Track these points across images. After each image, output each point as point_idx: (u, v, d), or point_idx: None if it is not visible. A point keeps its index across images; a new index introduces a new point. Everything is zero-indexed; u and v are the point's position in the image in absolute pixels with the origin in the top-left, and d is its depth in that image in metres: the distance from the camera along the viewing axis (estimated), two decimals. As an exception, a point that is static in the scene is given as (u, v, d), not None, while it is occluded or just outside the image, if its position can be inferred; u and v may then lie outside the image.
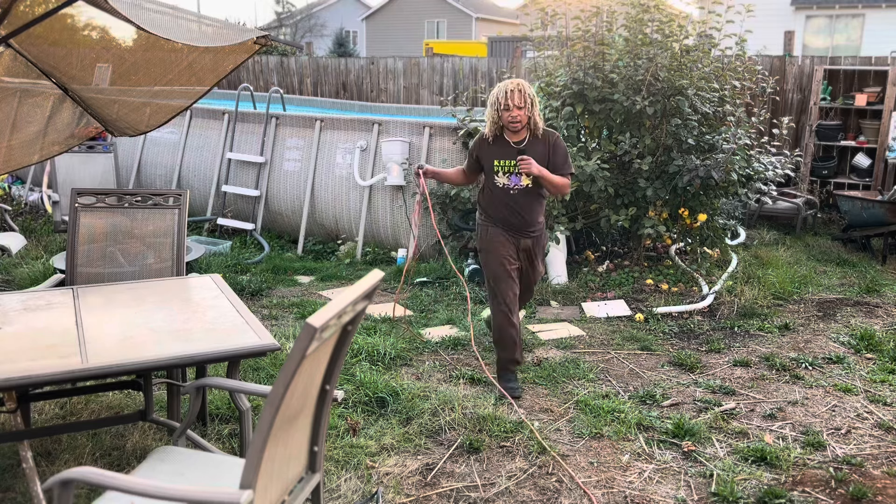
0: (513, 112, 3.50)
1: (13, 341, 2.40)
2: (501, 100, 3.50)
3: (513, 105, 3.48)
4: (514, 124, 3.53)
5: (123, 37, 3.16)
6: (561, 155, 3.63)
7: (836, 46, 16.70)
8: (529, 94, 3.51)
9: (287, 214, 6.75)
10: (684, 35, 5.66)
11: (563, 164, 3.64)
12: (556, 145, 3.62)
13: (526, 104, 3.50)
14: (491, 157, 3.65)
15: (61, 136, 3.55)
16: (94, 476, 1.77)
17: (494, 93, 3.55)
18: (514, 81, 3.53)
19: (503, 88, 3.51)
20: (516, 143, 3.61)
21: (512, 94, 3.47)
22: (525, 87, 3.51)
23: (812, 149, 7.94)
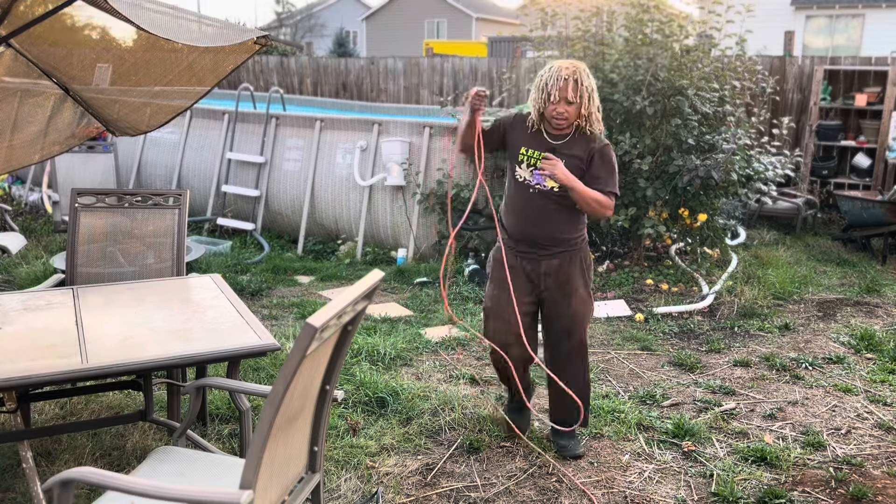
0: (560, 107, 2.78)
1: (13, 341, 2.40)
2: (550, 88, 2.78)
3: (561, 98, 2.77)
4: (559, 121, 2.82)
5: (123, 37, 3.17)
6: (603, 166, 2.87)
7: (836, 46, 16.70)
8: (587, 85, 2.79)
9: (287, 214, 6.75)
10: (684, 35, 5.66)
11: (602, 178, 2.86)
12: (602, 154, 2.87)
13: (581, 99, 2.78)
14: (519, 142, 2.93)
15: (62, 136, 3.55)
16: (94, 476, 1.77)
17: (544, 76, 2.82)
18: (570, 66, 2.78)
19: (555, 73, 2.78)
20: (553, 138, 2.89)
21: (565, 85, 2.76)
22: (582, 77, 2.78)
23: (812, 149, 7.94)
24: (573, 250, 2.98)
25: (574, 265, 2.99)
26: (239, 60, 2.97)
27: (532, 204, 2.91)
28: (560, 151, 2.88)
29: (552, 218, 2.91)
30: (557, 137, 2.89)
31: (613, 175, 2.90)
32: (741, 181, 5.55)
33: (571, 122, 2.84)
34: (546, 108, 2.82)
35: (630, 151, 5.43)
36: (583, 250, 3.02)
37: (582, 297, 3.01)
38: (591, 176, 2.86)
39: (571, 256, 2.98)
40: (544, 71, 2.83)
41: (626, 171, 5.55)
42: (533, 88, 2.86)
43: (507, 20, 30.74)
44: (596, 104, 2.83)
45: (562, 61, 2.81)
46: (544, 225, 2.92)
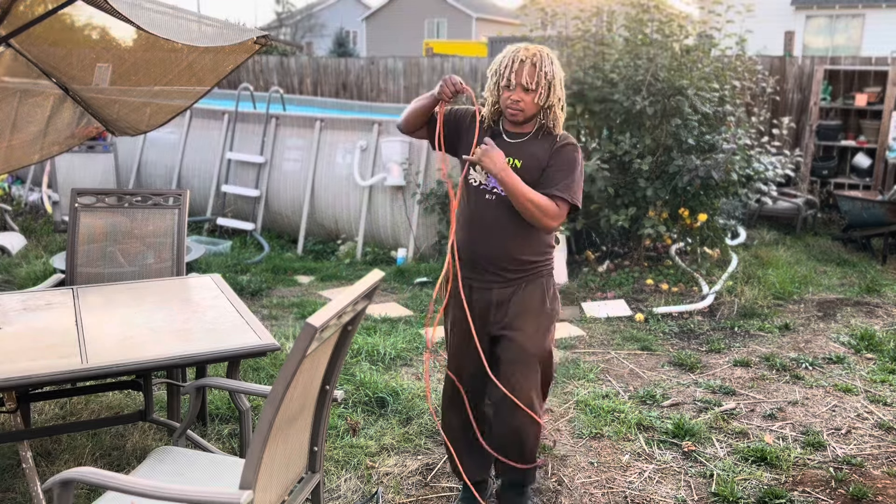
0: (516, 94, 2.33)
1: (13, 341, 2.40)
2: (504, 71, 2.34)
3: (517, 83, 2.32)
4: (514, 112, 2.36)
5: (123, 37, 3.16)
6: (558, 166, 2.37)
7: (837, 46, 16.70)
8: (548, 71, 2.32)
9: (287, 214, 6.75)
10: (684, 35, 5.66)
11: (554, 179, 2.35)
12: (560, 152, 2.38)
13: (539, 86, 2.32)
14: (472, 141, 2.43)
15: (61, 136, 3.55)
16: (93, 476, 1.77)
17: (498, 58, 2.39)
18: (530, 48, 2.35)
19: (510, 55, 2.35)
20: (511, 137, 2.42)
21: (520, 68, 2.31)
22: (543, 60, 2.32)
23: (812, 149, 7.93)
24: (533, 276, 2.45)
25: (533, 295, 2.44)
26: (239, 60, 2.97)
27: (487, 213, 2.40)
28: (518, 150, 2.40)
29: (510, 231, 2.37)
30: (516, 136, 2.42)
31: (570, 178, 2.35)
32: (741, 181, 5.55)
33: (528, 114, 2.36)
34: (501, 96, 2.37)
35: (630, 151, 5.43)
36: (546, 278, 2.48)
37: (533, 337, 2.43)
38: (545, 178, 2.36)
39: (529, 284, 2.45)
40: (500, 55, 2.37)
41: (627, 171, 5.55)
42: (488, 73, 2.41)
43: (507, 20, 30.72)
44: (558, 95, 2.35)
45: (523, 44, 2.38)
46: (500, 240, 2.39)
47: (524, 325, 2.44)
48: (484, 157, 2.31)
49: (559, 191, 2.33)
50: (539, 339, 2.46)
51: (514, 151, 2.40)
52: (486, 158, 2.30)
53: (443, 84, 2.36)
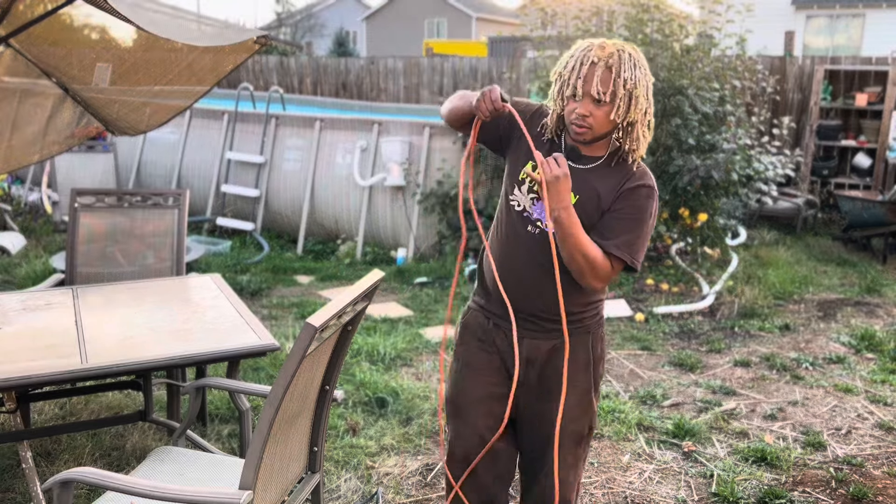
0: (583, 106, 1.77)
1: (13, 341, 2.39)
2: (569, 76, 1.79)
3: (585, 92, 1.76)
4: (581, 130, 1.80)
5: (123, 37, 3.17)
6: (625, 211, 1.84)
7: (837, 46, 16.69)
8: (628, 77, 1.75)
9: (287, 214, 6.74)
10: (684, 35, 5.66)
11: (614, 229, 1.83)
12: (633, 193, 1.84)
13: (616, 98, 1.76)
14: (525, 152, 1.90)
15: (61, 136, 3.55)
16: (93, 476, 1.77)
17: (564, 58, 1.84)
18: (606, 45, 1.77)
19: (580, 54, 1.79)
20: (574, 160, 1.88)
21: (591, 72, 1.75)
22: (623, 63, 1.75)
23: (812, 148, 7.93)
24: (579, 330, 1.94)
25: (576, 356, 1.93)
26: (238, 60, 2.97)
27: (525, 249, 1.88)
28: (584, 180, 1.85)
29: (553, 274, 1.80)
30: (581, 160, 1.87)
31: (635, 233, 1.82)
32: (741, 181, 5.55)
33: (598, 133, 1.80)
34: (566, 107, 1.82)
35: (630, 151, 5.43)
36: (595, 331, 2.00)
37: (573, 410, 1.95)
38: (603, 223, 1.83)
39: (575, 341, 1.92)
40: (569, 53, 1.83)
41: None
42: (552, 76, 1.87)
43: (507, 20, 30.73)
44: (642, 109, 1.78)
45: (599, 39, 1.81)
46: (538, 283, 1.87)
47: (560, 392, 1.91)
48: (551, 184, 1.72)
49: (617, 248, 1.80)
50: (580, 413, 1.97)
51: (575, 179, 1.83)
52: (553, 187, 1.72)
53: (481, 99, 1.84)
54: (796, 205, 7.42)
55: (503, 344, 1.98)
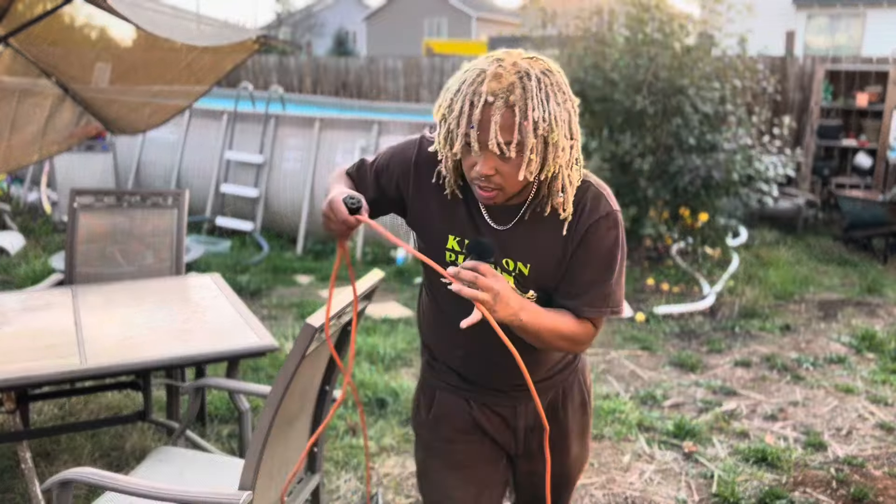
0: (484, 164, 1.31)
1: (12, 341, 2.39)
2: (458, 120, 1.30)
3: (481, 145, 1.29)
4: (487, 194, 1.36)
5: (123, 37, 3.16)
6: (591, 261, 1.44)
7: (838, 45, 16.69)
8: (538, 116, 1.26)
9: (286, 214, 6.74)
10: (685, 34, 5.65)
11: (586, 283, 1.46)
12: (591, 239, 1.43)
13: (524, 148, 1.28)
14: (436, 220, 1.50)
15: (60, 136, 3.55)
16: (93, 477, 1.77)
17: (450, 89, 1.33)
18: (503, 72, 1.27)
19: (466, 87, 1.29)
20: (497, 219, 1.45)
21: (486, 114, 1.27)
22: (528, 95, 1.26)
23: (813, 148, 7.93)
24: (569, 377, 1.67)
25: (573, 399, 1.69)
26: (238, 60, 2.97)
27: (478, 333, 1.35)
28: (517, 244, 1.45)
29: (523, 349, 1.39)
30: (505, 216, 1.44)
31: (608, 280, 1.45)
32: (742, 181, 5.55)
33: (512, 192, 1.36)
34: (463, 162, 1.36)
35: (631, 151, 5.42)
36: (582, 371, 1.71)
37: (578, 457, 1.76)
38: (568, 278, 1.46)
39: (567, 389, 1.67)
40: (456, 82, 1.32)
41: (627, 171, 5.54)
42: (434, 113, 1.37)
43: (507, 20, 30.73)
44: (565, 155, 1.33)
45: (487, 60, 1.31)
46: (505, 359, 1.38)
47: (567, 445, 1.70)
48: (496, 304, 1.29)
49: (592, 307, 1.46)
50: (583, 455, 1.77)
51: (511, 245, 1.44)
52: (493, 306, 1.29)
53: (325, 217, 1.38)
54: (797, 205, 7.41)
55: (493, 424, 1.63)
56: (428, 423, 1.68)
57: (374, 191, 1.55)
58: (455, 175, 1.44)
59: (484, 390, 1.62)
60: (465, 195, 1.47)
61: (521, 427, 1.65)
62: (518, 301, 1.35)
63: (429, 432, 1.68)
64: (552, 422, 1.63)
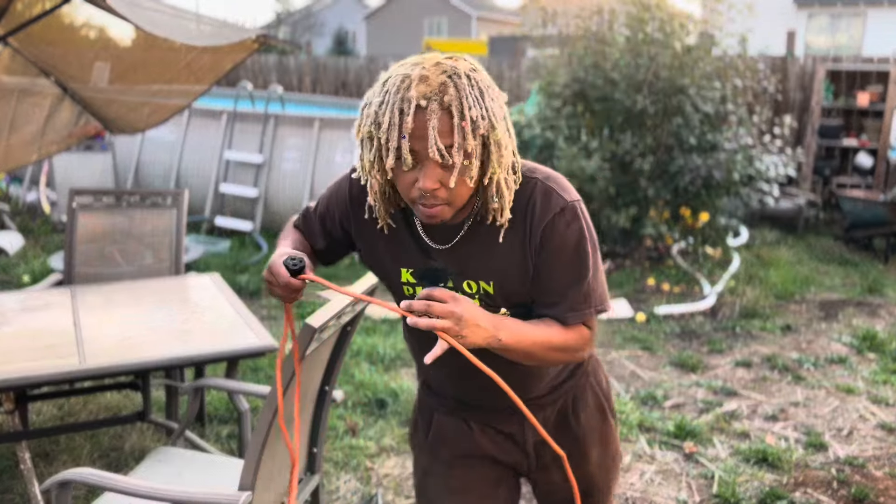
0: (429, 178, 1.19)
1: (11, 342, 2.38)
2: (388, 134, 1.17)
3: (423, 155, 1.18)
4: (433, 211, 1.24)
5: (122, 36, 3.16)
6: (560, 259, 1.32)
7: (838, 45, 16.68)
8: (481, 115, 1.18)
9: (286, 214, 6.72)
10: (686, 34, 5.65)
11: (562, 284, 1.33)
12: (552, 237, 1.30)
13: (468, 152, 1.18)
14: (381, 256, 1.44)
15: (60, 136, 3.54)
16: (92, 477, 1.76)
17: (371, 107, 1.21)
18: (427, 73, 1.17)
19: (396, 98, 1.17)
20: (439, 239, 1.36)
21: (421, 121, 1.16)
22: (465, 98, 1.16)
23: (814, 148, 7.92)
24: (579, 382, 1.55)
25: (582, 406, 1.56)
26: (237, 59, 2.96)
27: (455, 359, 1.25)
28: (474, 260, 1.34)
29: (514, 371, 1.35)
30: (450, 233, 1.34)
31: (584, 274, 1.33)
32: (743, 181, 5.54)
33: (459, 205, 1.26)
34: (396, 180, 1.24)
35: (631, 151, 5.42)
36: (594, 373, 1.59)
37: (609, 450, 1.62)
38: (540, 286, 1.34)
39: (578, 394, 1.56)
40: (378, 93, 1.21)
41: (628, 171, 5.53)
42: (357, 133, 1.25)
43: (507, 19, 30.73)
44: (508, 153, 1.25)
45: (406, 66, 1.21)
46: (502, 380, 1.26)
47: (585, 452, 1.57)
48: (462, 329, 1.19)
49: (575, 311, 1.34)
50: (609, 461, 1.63)
51: (465, 265, 1.34)
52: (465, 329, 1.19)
53: (268, 283, 1.36)
54: (798, 205, 7.41)
55: (498, 444, 1.53)
56: (426, 447, 1.59)
57: (323, 238, 1.50)
58: (385, 204, 1.33)
59: (483, 411, 1.53)
60: (404, 222, 1.37)
61: (530, 442, 1.54)
62: (491, 321, 1.23)
63: (427, 456, 1.60)
64: (564, 431, 1.54)
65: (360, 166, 1.28)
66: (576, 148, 5.38)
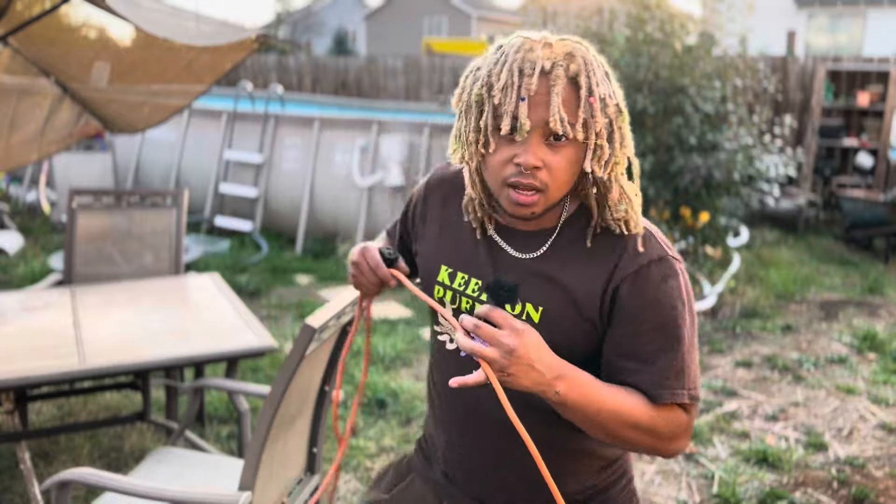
0: (531, 154, 1.00)
1: (10, 342, 2.38)
2: (504, 95, 1.00)
3: (536, 123, 0.99)
4: (527, 199, 1.03)
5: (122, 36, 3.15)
6: (652, 322, 1.05)
7: (839, 45, 16.68)
8: (610, 95, 1.03)
9: (285, 214, 6.73)
10: (686, 33, 5.64)
11: (648, 356, 1.05)
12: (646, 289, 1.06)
13: (588, 129, 1.01)
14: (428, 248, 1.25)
15: (59, 136, 3.54)
16: (91, 477, 1.76)
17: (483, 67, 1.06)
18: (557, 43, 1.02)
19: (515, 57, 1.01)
20: (517, 244, 1.14)
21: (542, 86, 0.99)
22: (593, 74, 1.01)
23: (814, 148, 7.92)
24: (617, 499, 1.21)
25: None
26: (237, 59, 2.95)
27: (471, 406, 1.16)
28: (533, 279, 1.12)
29: (542, 439, 1.05)
30: (531, 239, 1.14)
31: (678, 345, 1.07)
32: (743, 181, 5.54)
33: (554, 198, 1.06)
34: (491, 160, 1.05)
35: (631, 151, 5.41)
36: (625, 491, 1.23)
37: None
38: (618, 345, 1.09)
39: None
40: (490, 58, 1.07)
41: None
42: (456, 102, 1.11)
43: (507, 18, 30.71)
44: (626, 143, 1.08)
45: (522, 37, 1.05)
46: (516, 458, 1.12)
47: None
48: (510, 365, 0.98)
49: (665, 387, 1.06)
50: None
51: (525, 280, 1.12)
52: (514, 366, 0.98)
53: (355, 267, 1.25)
54: (798, 205, 7.40)
55: None
56: (381, 500, 1.33)
57: (401, 245, 1.36)
58: (480, 206, 1.14)
59: (468, 500, 1.19)
60: (486, 229, 1.18)
61: None
62: (552, 365, 0.99)
63: None
64: None
65: (455, 139, 1.10)
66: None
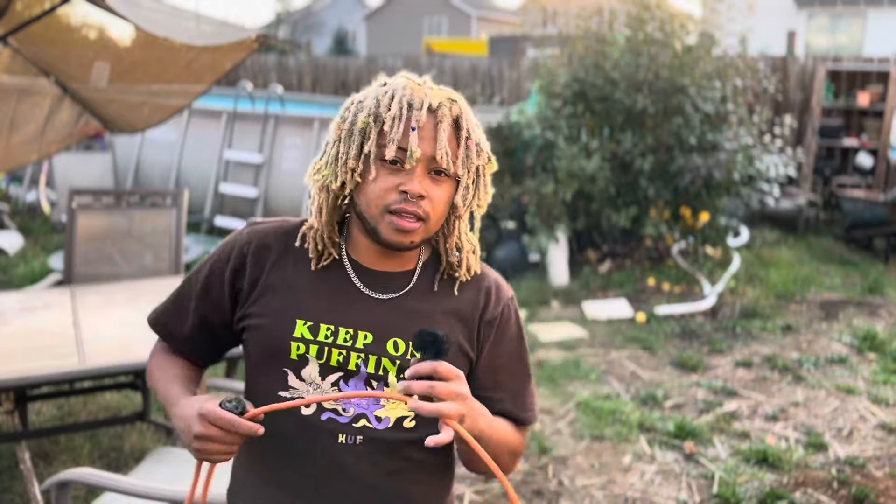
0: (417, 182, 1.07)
1: (10, 342, 2.38)
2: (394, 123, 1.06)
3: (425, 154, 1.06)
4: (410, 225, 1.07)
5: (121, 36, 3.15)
6: (513, 358, 1.23)
7: (839, 45, 16.68)
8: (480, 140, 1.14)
9: (286, 214, 6.72)
10: (686, 33, 5.64)
11: (513, 385, 1.22)
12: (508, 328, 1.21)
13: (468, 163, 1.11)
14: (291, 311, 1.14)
15: (59, 136, 3.53)
16: (91, 477, 1.76)
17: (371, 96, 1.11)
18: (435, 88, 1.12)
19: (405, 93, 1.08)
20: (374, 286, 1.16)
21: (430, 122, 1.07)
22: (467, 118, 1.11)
23: (814, 148, 7.92)
24: None
25: None
26: (237, 59, 2.95)
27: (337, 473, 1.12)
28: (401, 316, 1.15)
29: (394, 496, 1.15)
30: (392, 281, 1.16)
31: (529, 373, 1.25)
32: (743, 181, 5.54)
33: (432, 229, 1.12)
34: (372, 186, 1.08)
35: (631, 151, 5.41)
36: None
37: None
38: (491, 379, 1.19)
39: None
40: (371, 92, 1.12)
41: (628, 171, 5.53)
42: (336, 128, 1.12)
43: (507, 18, 30.72)
44: (488, 191, 1.16)
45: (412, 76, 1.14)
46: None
47: None
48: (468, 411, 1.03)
49: (527, 409, 1.23)
50: None
51: (396, 321, 1.14)
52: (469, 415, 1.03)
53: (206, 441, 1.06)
54: (798, 205, 7.40)
55: None
56: None
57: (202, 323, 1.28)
58: (327, 233, 1.15)
59: None
60: (335, 262, 1.17)
61: None
62: (479, 403, 1.09)
63: None
64: None
65: (327, 165, 1.12)
66: (576, 148, 5.38)
